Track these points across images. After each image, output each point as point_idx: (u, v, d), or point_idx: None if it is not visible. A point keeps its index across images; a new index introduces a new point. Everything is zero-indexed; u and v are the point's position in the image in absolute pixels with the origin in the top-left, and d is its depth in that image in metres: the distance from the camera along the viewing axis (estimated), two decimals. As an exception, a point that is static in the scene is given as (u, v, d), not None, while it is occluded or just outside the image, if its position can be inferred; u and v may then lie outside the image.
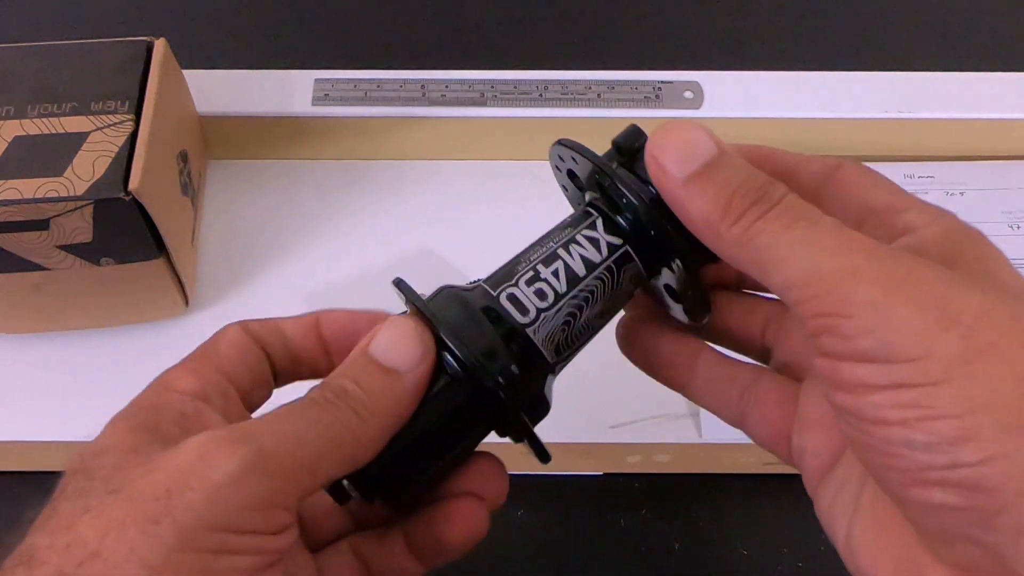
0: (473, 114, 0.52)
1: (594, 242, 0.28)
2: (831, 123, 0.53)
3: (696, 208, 0.24)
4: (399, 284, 0.28)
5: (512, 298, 0.27)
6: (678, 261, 0.27)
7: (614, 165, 0.28)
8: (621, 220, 0.28)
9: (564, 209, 0.32)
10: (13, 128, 0.42)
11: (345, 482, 0.27)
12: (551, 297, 0.27)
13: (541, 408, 0.28)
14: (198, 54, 0.53)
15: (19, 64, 0.44)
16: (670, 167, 0.25)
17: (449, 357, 0.26)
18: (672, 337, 0.31)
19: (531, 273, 0.28)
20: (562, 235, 0.29)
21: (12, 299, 0.45)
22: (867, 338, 0.21)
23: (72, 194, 0.39)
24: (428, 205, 0.53)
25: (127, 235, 0.42)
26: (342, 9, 0.65)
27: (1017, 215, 0.52)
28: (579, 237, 0.28)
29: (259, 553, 0.23)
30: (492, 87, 0.52)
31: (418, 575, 0.30)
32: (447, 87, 0.52)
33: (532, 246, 0.29)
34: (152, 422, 0.25)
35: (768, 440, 0.29)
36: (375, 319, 0.29)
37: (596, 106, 0.52)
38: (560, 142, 0.29)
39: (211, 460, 0.22)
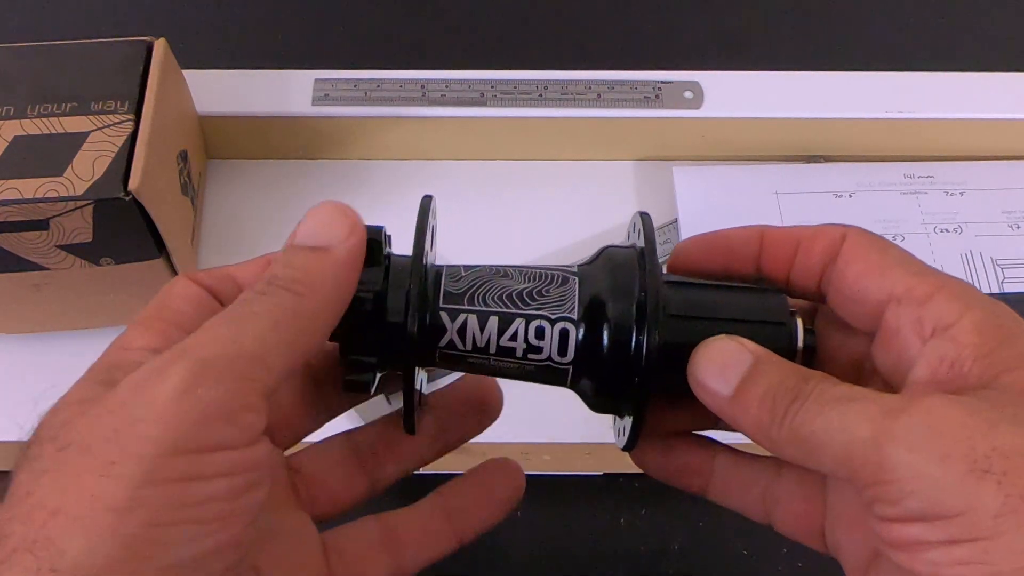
0: (473, 114, 0.52)
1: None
2: (831, 123, 0.53)
3: (747, 421, 0.25)
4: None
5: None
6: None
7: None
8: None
9: (563, 209, 0.32)
10: (13, 128, 0.42)
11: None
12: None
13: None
14: (198, 54, 0.53)
15: (19, 64, 0.44)
16: (714, 387, 0.25)
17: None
18: (684, 444, 0.30)
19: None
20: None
21: (12, 299, 0.45)
22: (911, 499, 0.22)
23: (72, 194, 0.39)
24: (428, 205, 0.53)
25: (127, 235, 0.42)
26: (342, 9, 0.65)
27: (1017, 215, 0.52)
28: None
29: (232, 472, 0.21)
30: (492, 87, 0.52)
31: (451, 548, 0.30)
32: (447, 87, 0.52)
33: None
34: (107, 378, 0.23)
35: (801, 536, 0.29)
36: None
37: (596, 106, 0.52)
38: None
39: (151, 385, 0.21)
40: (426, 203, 0.28)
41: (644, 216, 0.29)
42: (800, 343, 0.27)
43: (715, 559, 0.45)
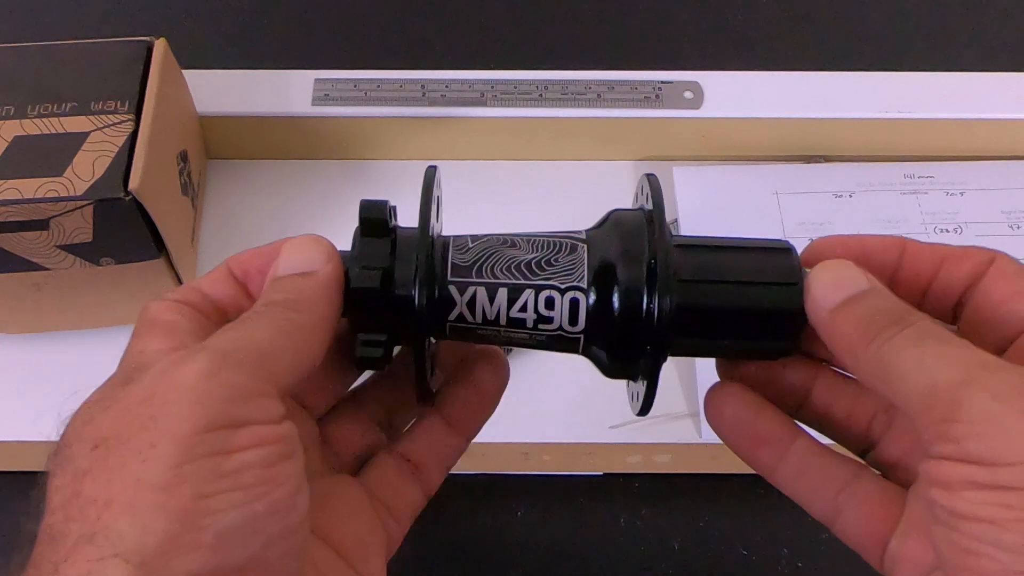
0: (473, 114, 0.52)
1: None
2: (831, 123, 0.53)
3: (837, 333, 0.26)
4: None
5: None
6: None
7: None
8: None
9: (563, 209, 0.32)
10: (13, 128, 0.42)
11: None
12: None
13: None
14: (198, 54, 0.53)
15: (19, 64, 0.44)
16: (819, 294, 0.26)
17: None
18: (770, 415, 0.29)
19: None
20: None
21: (12, 299, 0.45)
22: (974, 441, 0.22)
23: (72, 194, 0.39)
24: (428, 205, 0.53)
25: (127, 235, 0.42)
26: (342, 9, 0.65)
27: (1017, 215, 0.52)
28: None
29: (264, 443, 0.23)
30: (492, 87, 0.52)
31: (461, 449, 0.32)
32: (447, 87, 0.52)
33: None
34: (127, 379, 0.24)
35: (861, 539, 0.28)
36: (278, 247, 0.29)
37: (596, 106, 0.52)
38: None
39: (176, 371, 0.23)
40: (430, 174, 0.28)
41: (651, 178, 0.29)
42: None
43: (715, 559, 0.45)
